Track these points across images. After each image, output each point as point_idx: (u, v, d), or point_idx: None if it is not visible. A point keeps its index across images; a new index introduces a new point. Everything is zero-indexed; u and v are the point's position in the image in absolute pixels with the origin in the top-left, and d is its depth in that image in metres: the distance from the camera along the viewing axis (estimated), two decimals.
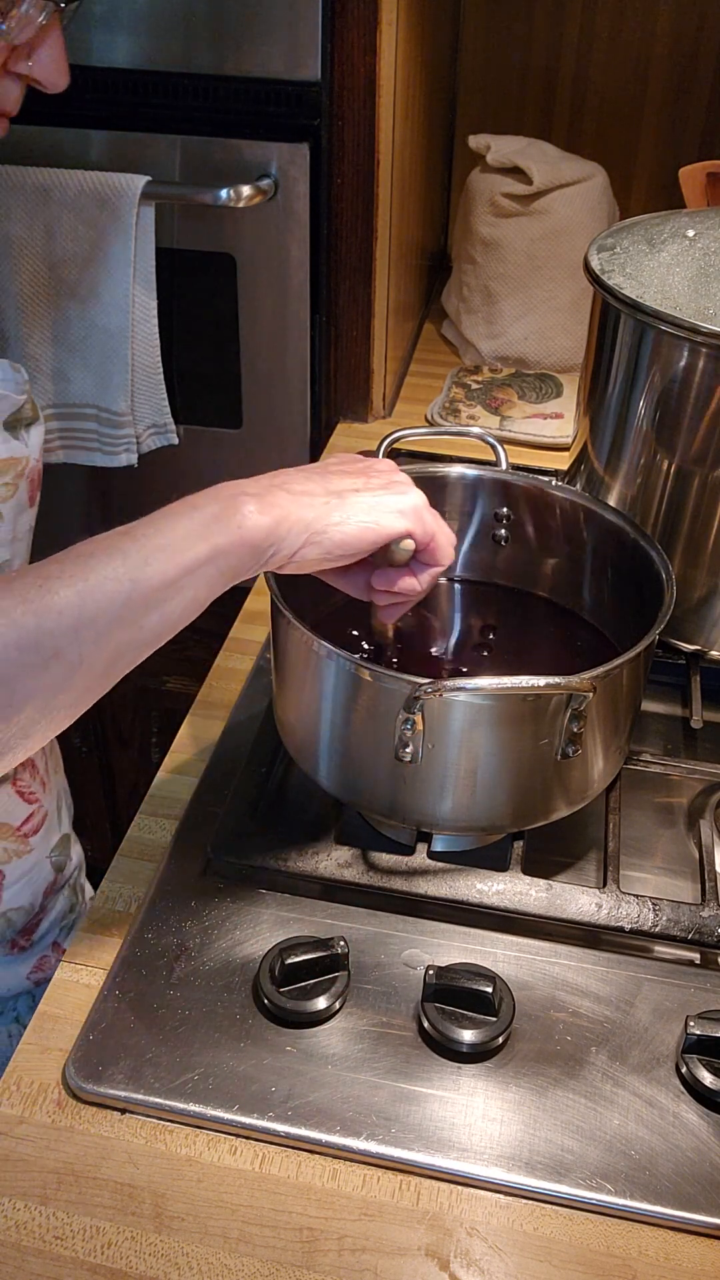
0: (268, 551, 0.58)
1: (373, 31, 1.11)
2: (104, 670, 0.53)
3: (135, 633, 0.53)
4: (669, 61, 1.50)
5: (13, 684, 0.49)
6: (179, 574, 0.54)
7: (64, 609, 0.50)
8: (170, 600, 0.54)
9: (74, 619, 0.51)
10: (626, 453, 0.90)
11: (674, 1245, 0.60)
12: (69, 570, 0.52)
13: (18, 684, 0.50)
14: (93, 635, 0.51)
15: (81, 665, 0.52)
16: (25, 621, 0.49)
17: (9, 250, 1.17)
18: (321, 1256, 0.58)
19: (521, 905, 0.73)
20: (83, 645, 0.51)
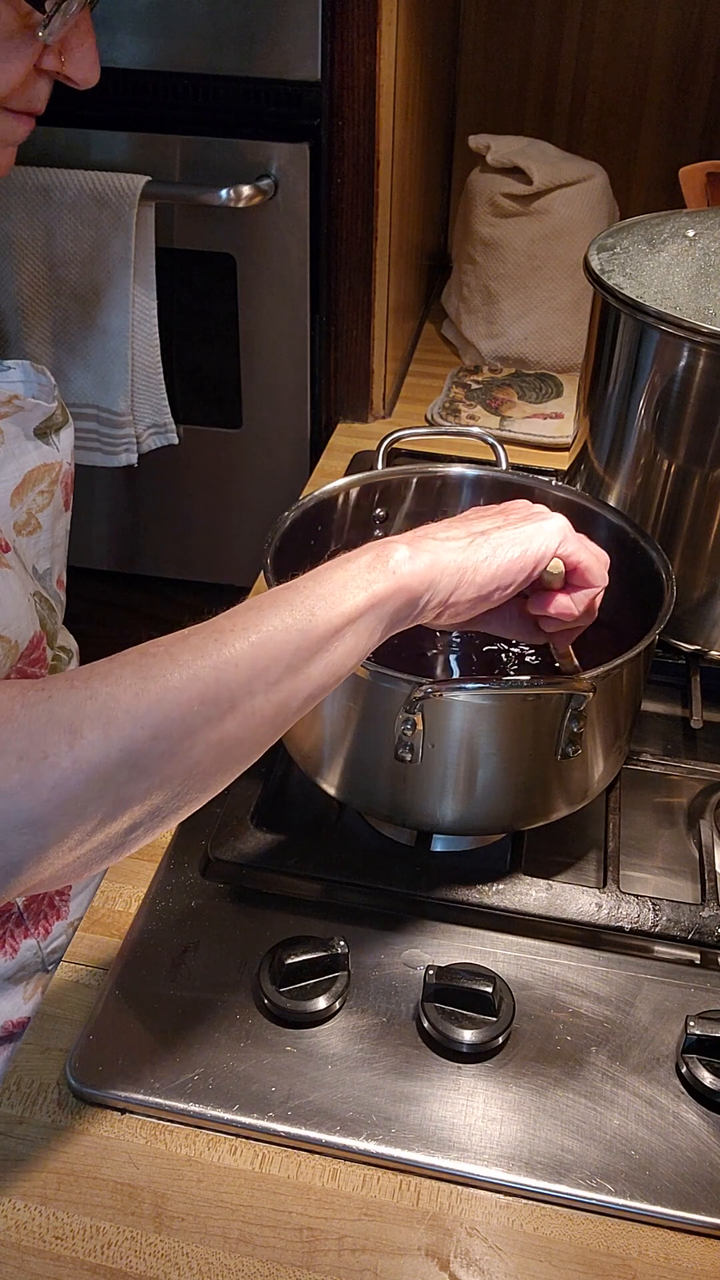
0: (424, 596, 0.59)
1: (373, 31, 1.11)
2: (273, 719, 0.54)
3: (303, 682, 0.54)
4: (669, 61, 1.50)
5: (194, 736, 0.50)
6: (342, 622, 0.55)
7: (239, 661, 0.52)
8: (334, 649, 0.55)
9: (249, 671, 0.52)
10: (626, 453, 0.91)
11: (674, 1245, 0.60)
12: (241, 623, 0.53)
13: (199, 736, 0.50)
14: (264, 686, 0.52)
15: (254, 717, 0.53)
16: (205, 675, 0.51)
17: (9, 250, 1.17)
18: (321, 1256, 0.58)
19: (521, 905, 0.73)
20: (255, 697, 0.52)
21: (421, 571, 0.58)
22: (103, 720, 0.48)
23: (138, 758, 0.49)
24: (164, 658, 0.51)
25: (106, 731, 0.48)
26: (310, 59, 1.12)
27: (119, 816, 0.50)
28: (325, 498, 0.83)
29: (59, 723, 0.48)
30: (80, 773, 0.47)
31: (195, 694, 0.50)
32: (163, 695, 0.49)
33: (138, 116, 1.18)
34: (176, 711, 0.50)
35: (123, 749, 0.48)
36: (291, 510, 0.80)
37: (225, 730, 0.52)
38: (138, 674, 0.50)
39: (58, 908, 0.88)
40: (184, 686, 0.50)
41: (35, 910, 0.86)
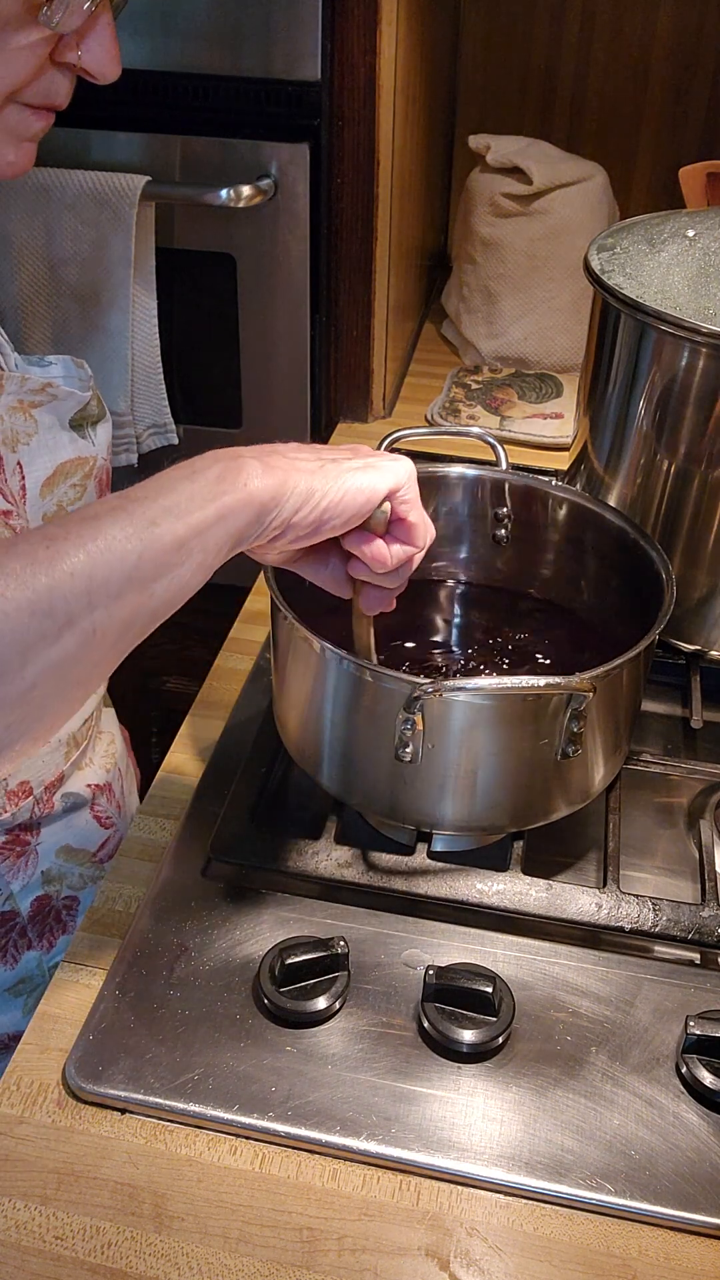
0: (270, 513, 0.57)
1: (373, 31, 1.11)
2: (116, 640, 0.51)
3: (146, 599, 0.52)
4: (669, 61, 1.50)
5: (26, 653, 0.47)
6: (188, 534, 0.53)
7: (75, 571, 0.48)
8: (180, 564, 0.53)
9: (85, 583, 0.48)
10: (626, 453, 0.90)
11: (674, 1245, 0.60)
12: (75, 532, 0.49)
13: (31, 653, 0.47)
14: (105, 599, 0.49)
15: (95, 634, 0.50)
16: (36, 583, 0.47)
17: (9, 250, 1.17)
18: (321, 1256, 0.58)
19: (521, 905, 0.73)
20: (95, 611, 0.49)
21: (272, 488, 0.56)
22: None
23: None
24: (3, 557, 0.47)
25: None
26: (310, 59, 1.12)
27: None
28: None
29: None
30: None
31: (26, 605, 0.46)
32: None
33: (138, 116, 1.18)
34: (6, 624, 0.46)
35: None
36: None
37: (63, 649, 0.48)
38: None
39: (64, 922, 0.88)
40: (13, 597, 0.46)
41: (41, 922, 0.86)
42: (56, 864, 0.86)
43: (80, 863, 0.87)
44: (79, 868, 0.87)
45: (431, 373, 1.46)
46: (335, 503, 0.59)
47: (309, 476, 0.59)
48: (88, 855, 0.88)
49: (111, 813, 0.90)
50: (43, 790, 0.83)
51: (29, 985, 0.85)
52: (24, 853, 0.83)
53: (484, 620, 0.90)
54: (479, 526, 0.89)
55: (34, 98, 0.64)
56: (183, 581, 0.53)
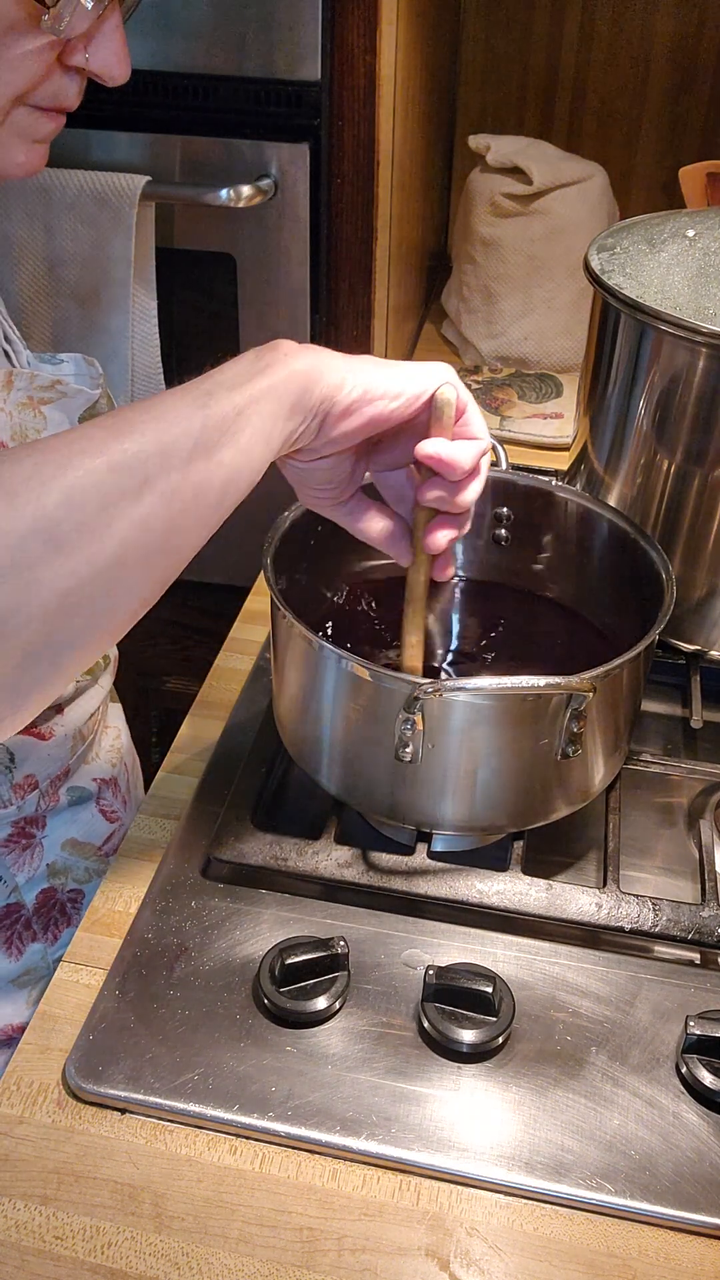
0: (313, 387, 0.58)
1: (373, 31, 1.11)
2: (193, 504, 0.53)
3: (216, 466, 0.53)
4: (669, 61, 1.50)
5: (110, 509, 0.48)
6: (244, 402, 0.55)
7: (147, 435, 0.50)
8: (241, 430, 0.54)
9: (155, 444, 0.50)
10: (626, 453, 0.91)
11: (674, 1245, 0.60)
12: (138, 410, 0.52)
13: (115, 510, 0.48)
14: (178, 462, 0.51)
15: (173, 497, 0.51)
16: (112, 447, 0.49)
17: (9, 250, 1.17)
18: (321, 1256, 0.58)
19: (521, 905, 0.73)
20: (170, 473, 0.51)
21: (309, 362, 0.58)
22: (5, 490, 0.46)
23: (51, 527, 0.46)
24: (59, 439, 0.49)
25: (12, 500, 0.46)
26: (310, 59, 1.12)
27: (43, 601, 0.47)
28: None
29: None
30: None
31: (103, 464, 0.48)
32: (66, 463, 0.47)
33: (138, 116, 1.18)
34: (88, 480, 0.47)
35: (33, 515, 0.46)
36: (291, 510, 0.80)
37: (145, 508, 0.49)
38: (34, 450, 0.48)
39: (69, 915, 0.88)
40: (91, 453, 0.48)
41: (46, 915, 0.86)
42: (62, 857, 0.86)
43: (85, 856, 0.88)
44: (84, 861, 0.87)
45: None
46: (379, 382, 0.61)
47: (340, 360, 0.61)
48: (93, 849, 0.88)
49: (117, 807, 0.91)
50: (49, 784, 0.83)
51: (33, 977, 0.85)
52: (30, 846, 0.84)
53: (484, 620, 0.90)
54: (479, 526, 0.89)
55: (43, 100, 0.65)
56: (246, 450, 0.55)
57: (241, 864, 0.76)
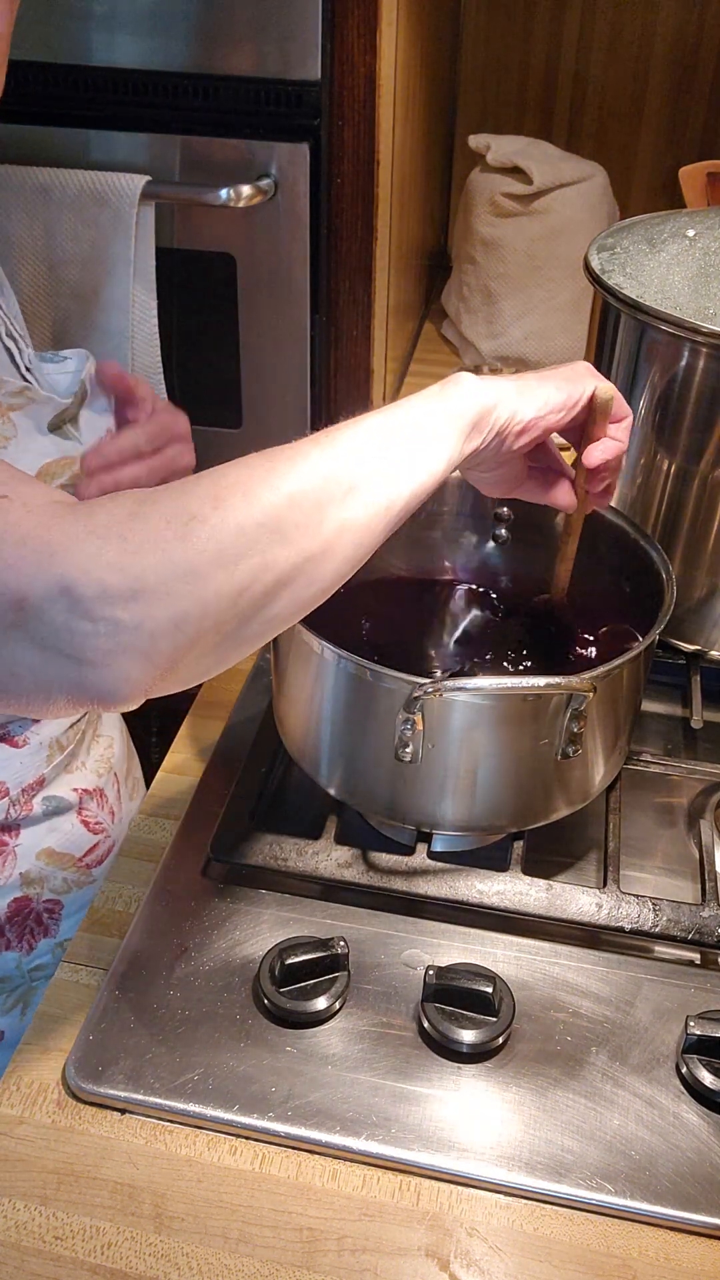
0: (494, 408, 0.63)
1: (373, 31, 1.11)
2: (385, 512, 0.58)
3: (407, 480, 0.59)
4: (669, 61, 1.50)
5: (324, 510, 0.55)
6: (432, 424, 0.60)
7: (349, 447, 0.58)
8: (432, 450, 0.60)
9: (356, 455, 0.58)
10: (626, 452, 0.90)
11: (674, 1245, 0.60)
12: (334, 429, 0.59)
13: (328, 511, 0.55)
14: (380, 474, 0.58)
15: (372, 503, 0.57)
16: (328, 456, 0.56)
17: (9, 250, 1.17)
18: (321, 1256, 0.58)
19: (521, 905, 0.73)
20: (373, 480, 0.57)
21: (487, 388, 0.63)
22: (241, 489, 0.53)
23: (278, 522, 0.53)
24: (288, 451, 0.56)
25: (247, 497, 0.53)
26: (310, 59, 1.12)
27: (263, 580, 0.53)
28: None
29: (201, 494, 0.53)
30: (228, 528, 0.52)
31: (322, 471, 0.56)
32: (291, 470, 0.55)
33: (138, 116, 1.18)
34: (308, 484, 0.55)
35: (264, 511, 0.53)
36: None
37: (350, 511, 0.56)
38: (264, 459, 0.56)
39: (45, 925, 0.87)
40: (312, 464, 0.56)
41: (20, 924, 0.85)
42: (37, 866, 0.85)
43: (64, 867, 0.87)
44: (62, 872, 0.87)
45: (431, 373, 1.46)
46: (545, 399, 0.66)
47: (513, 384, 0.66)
48: (72, 860, 0.87)
49: (103, 818, 0.90)
50: (20, 792, 0.82)
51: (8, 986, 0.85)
52: (1, 853, 0.83)
53: (484, 620, 0.90)
54: (479, 526, 0.89)
55: None
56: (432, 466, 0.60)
57: (241, 864, 0.76)
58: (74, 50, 1.15)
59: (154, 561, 0.50)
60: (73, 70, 1.16)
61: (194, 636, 0.52)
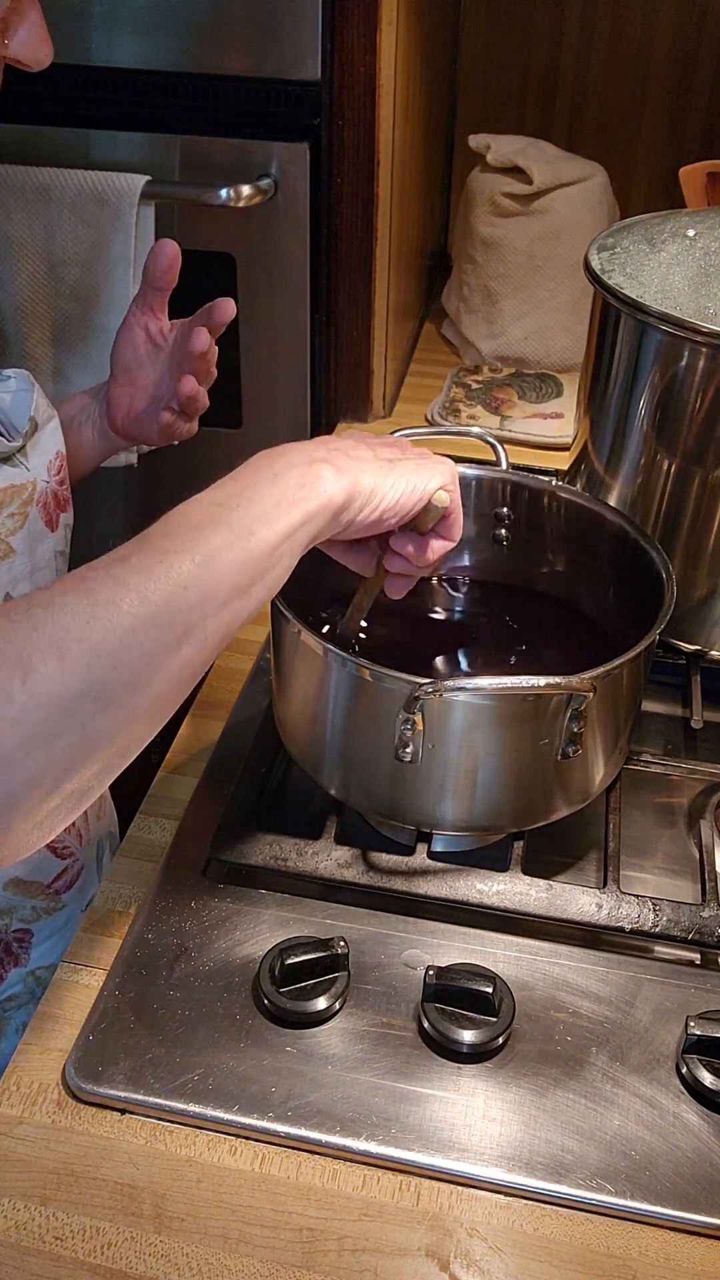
0: (343, 514, 0.60)
1: (373, 31, 1.11)
2: (218, 644, 0.53)
3: (246, 602, 0.54)
4: (669, 61, 1.50)
5: (154, 663, 0.49)
6: (278, 540, 0.55)
7: (188, 583, 0.50)
8: (273, 568, 0.55)
9: (198, 594, 0.51)
10: (627, 453, 0.90)
11: (674, 1245, 0.60)
12: (182, 543, 0.51)
13: (158, 663, 0.49)
14: (214, 608, 0.51)
15: (207, 640, 0.52)
16: (156, 598, 0.49)
17: (9, 250, 1.17)
18: (321, 1257, 0.58)
19: (521, 905, 0.73)
20: (207, 620, 0.51)
21: (346, 489, 0.59)
22: (55, 651, 0.46)
23: (100, 689, 0.47)
24: (108, 582, 0.49)
25: (61, 662, 0.46)
26: (310, 59, 1.12)
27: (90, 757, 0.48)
28: None
29: (7, 659, 0.45)
30: (39, 706, 0.45)
31: (149, 618, 0.48)
32: (115, 621, 0.48)
33: (138, 116, 1.18)
34: (134, 639, 0.48)
35: (82, 680, 0.46)
36: None
37: (183, 656, 0.50)
38: (84, 599, 0.48)
39: (15, 955, 0.86)
40: (136, 611, 0.48)
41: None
42: (5, 897, 0.84)
43: (32, 895, 0.86)
44: (31, 900, 0.86)
45: (431, 372, 1.46)
46: (394, 503, 0.63)
47: (372, 475, 0.61)
48: (40, 887, 0.87)
49: (70, 842, 0.89)
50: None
51: None
52: None
53: (484, 620, 0.90)
54: (479, 526, 0.89)
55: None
56: (274, 584, 0.56)
57: (241, 864, 0.76)
58: (74, 50, 1.15)
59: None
60: (73, 70, 1.16)
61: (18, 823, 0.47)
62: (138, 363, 0.87)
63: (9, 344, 1.22)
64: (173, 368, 0.86)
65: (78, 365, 1.22)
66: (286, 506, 0.56)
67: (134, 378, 0.87)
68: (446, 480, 0.66)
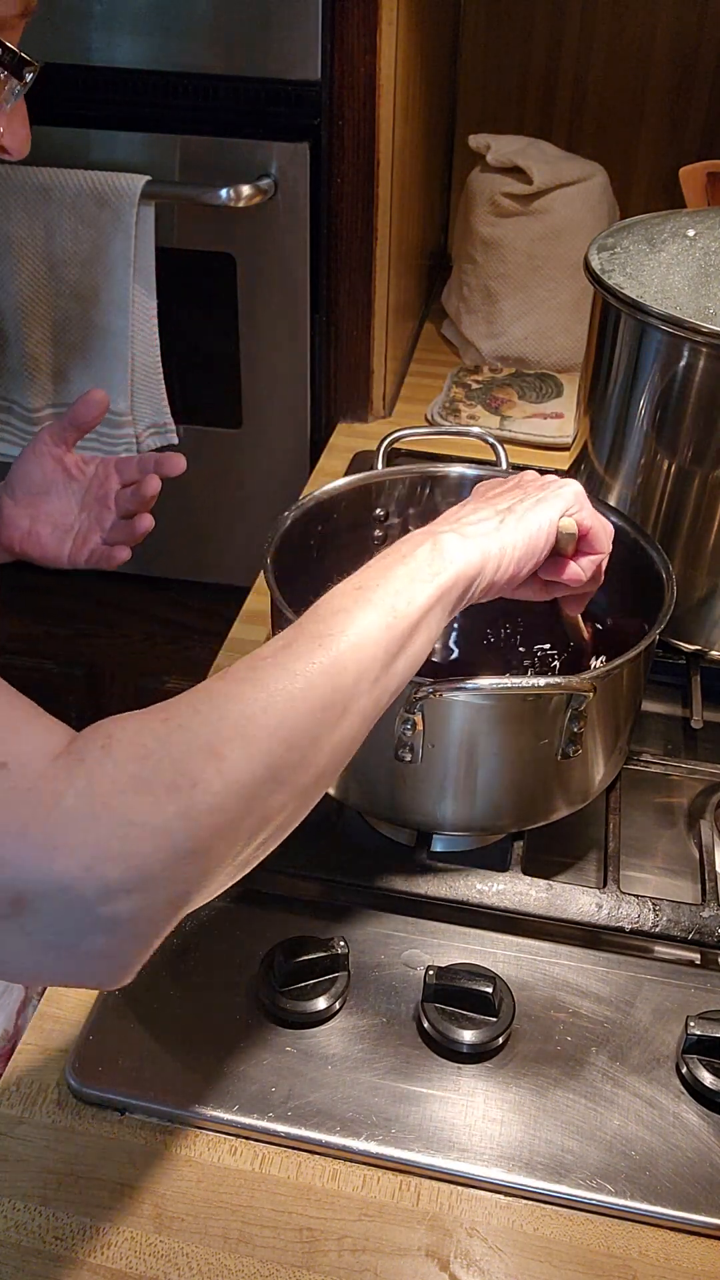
0: (476, 581, 0.61)
1: (373, 31, 1.11)
2: (372, 718, 0.55)
3: (392, 679, 0.56)
4: (669, 61, 1.50)
5: (319, 742, 0.51)
6: (420, 616, 0.57)
7: (346, 664, 0.53)
8: (415, 642, 0.57)
9: (355, 673, 0.53)
10: (627, 453, 0.90)
11: (674, 1245, 0.60)
12: (334, 626, 0.54)
13: (323, 742, 0.52)
14: (368, 686, 0.54)
15: (362, 716, 0.54)
16: (319, 681, 0.52)
17: (9, 250, 1.17)
18: (321, 1257, 0.58)
19: (522, 905, 0.73)
20: (361, 698, 0.54)
21: (476, 560, 0.61)
22: (241, 739, 0.48)
23: (277, 770, 0.49)
24: (275, 669, 0.52)
25: (247, 749, 0.48)
26: (310, 59, 1.12)
27: (262, 831, 0.50)
28: (325, 498, 0.83)
29: (200, 748, 0.47)
30: (231, 794, 0.47)
31: (316, 701, 0.51)
32: (289, 706, 0.50)
33: (138, 116, 1.18)
34: (303, 721, 0.51)
35: (264, 764, 0.49)
36: (291, 510, 0.80)
37: (342, 733, 0.53)
38: (257, 688, 0.50)
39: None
40: (305, 695, 0.51)
41: None
42: None
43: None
44: None
45: (431, 373, 1.46)
46: (526, 551, 0.64)
47: (497, 535, 0.63)
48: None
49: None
50: None
51: None
52: None
53: (484, 620, 0.90)
54: None
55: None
56: (416, 657, 0.58)
57: None
58: (74, 50, 1.15)
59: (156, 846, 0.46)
60: (73, 70, 1.16)
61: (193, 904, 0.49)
62: (44, 488, 0.90)
63: (9, 344, 1.22)
64: (90, 501, 0.90)
65: (78, 365, 1.23)
66: (421, 583, 0.58)
67: (37, 502, 0.90)
68: (568, 504, 0.66)
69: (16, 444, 1.28)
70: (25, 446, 0.90)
